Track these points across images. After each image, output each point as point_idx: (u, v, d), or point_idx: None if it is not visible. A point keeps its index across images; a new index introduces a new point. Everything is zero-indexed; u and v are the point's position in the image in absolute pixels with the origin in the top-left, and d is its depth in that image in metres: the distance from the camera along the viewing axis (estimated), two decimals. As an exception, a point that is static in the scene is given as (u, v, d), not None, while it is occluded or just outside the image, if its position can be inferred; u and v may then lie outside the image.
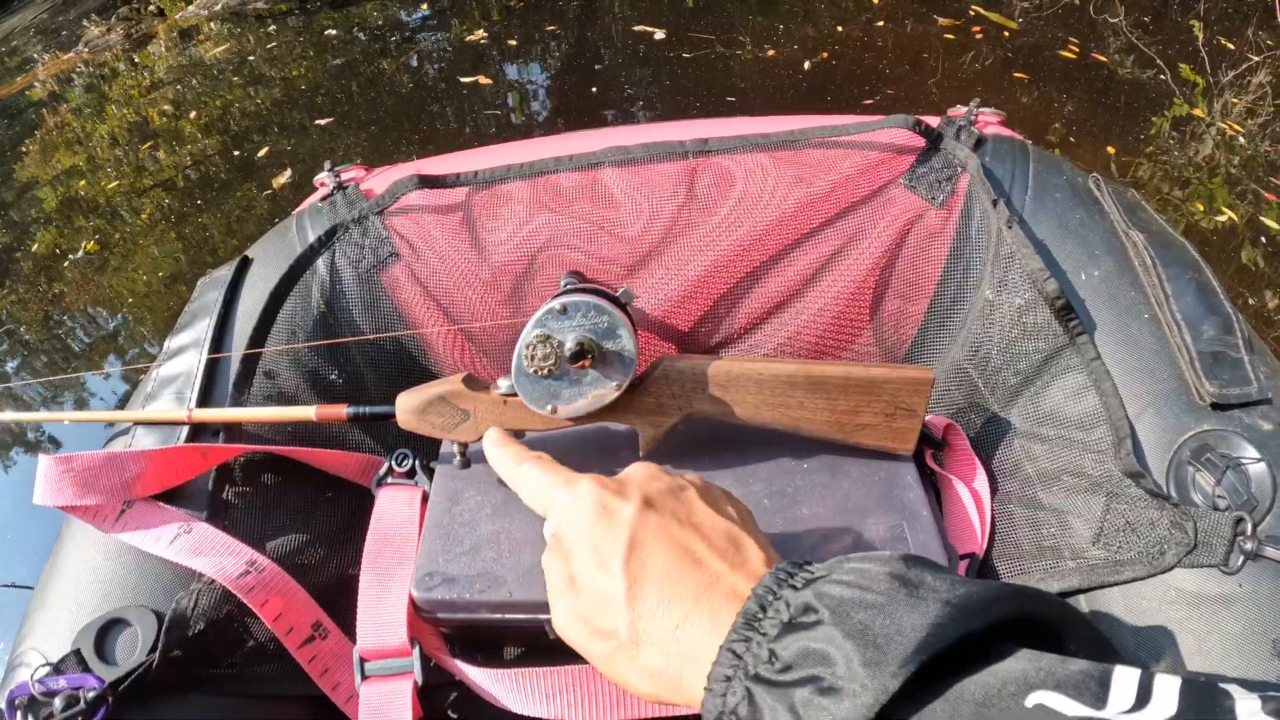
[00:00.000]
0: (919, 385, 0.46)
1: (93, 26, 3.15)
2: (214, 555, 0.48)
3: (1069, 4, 2.44)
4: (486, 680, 0.46)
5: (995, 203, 0.52)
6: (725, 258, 0.52)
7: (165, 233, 1.95)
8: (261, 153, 2.14)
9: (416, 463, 0.50)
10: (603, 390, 0.44)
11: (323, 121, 2.23)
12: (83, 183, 2.22)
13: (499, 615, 0.45)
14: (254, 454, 0.51)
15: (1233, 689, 0.21)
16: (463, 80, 2.32)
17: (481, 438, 0.46)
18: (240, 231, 1.89)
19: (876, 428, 0.48)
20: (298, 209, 0.61)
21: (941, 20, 2.34)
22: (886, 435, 0.48)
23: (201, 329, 0.53)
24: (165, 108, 2.51)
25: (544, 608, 0.45)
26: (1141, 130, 1.88)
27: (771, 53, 2.25)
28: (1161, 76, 2.05)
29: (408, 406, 0.46)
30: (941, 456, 0.52)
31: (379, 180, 0.60)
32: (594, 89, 2.26)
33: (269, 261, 0.56)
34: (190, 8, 3.14)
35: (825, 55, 2.22)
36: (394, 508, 0.49)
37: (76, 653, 0.47)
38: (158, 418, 0.51)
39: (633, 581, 0.29)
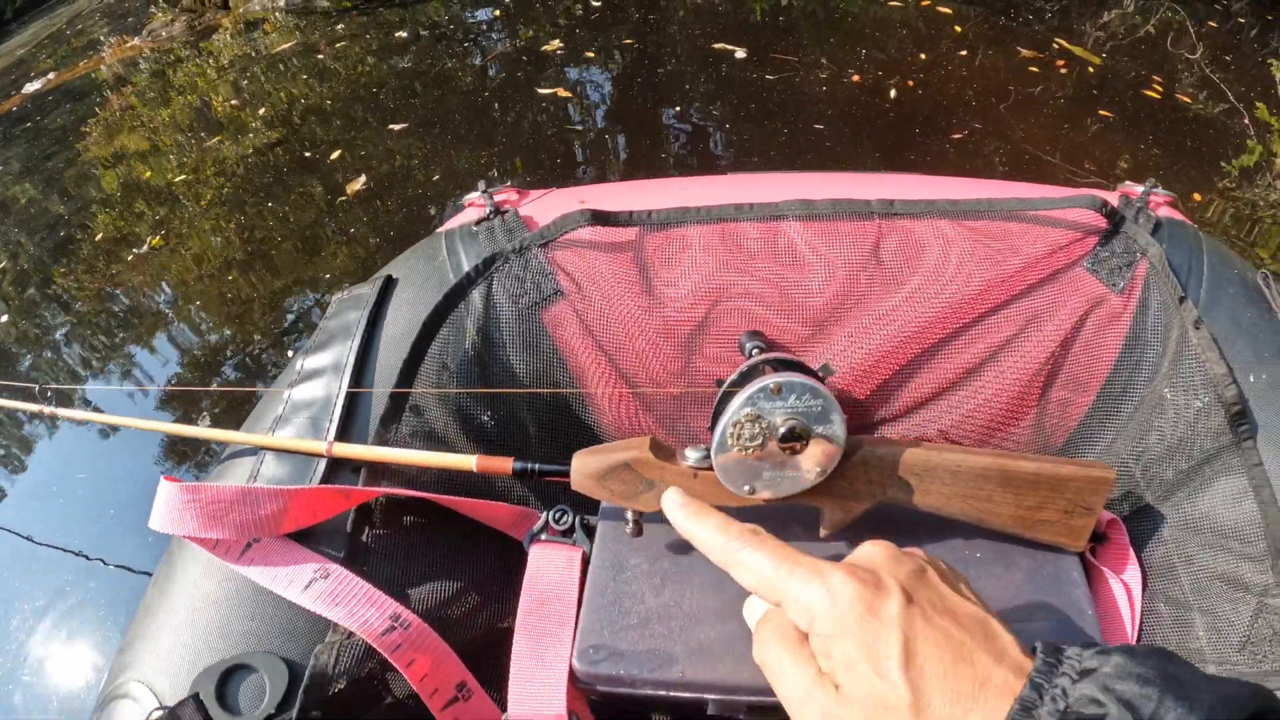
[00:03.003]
0: (1100, 484, 0.46)
1: (158, 13, 3.04)
2: (355, 606, 0.44)
3: (1145, 35, 2.41)
4: (645, 759, 0.44)
5: (1182, 300, 0.51)
6: (909, 331, 0.50)
7: (231, 236, 1.86)
8: (334, 155, 2.05)
9: (576, 520, 0.47)
10: (806, 475, 0.42)
11: (396, 127, 2.14)
12: (149, 172, 2.12)
13: (665, 693, 0.43)
14: (397, 495, 0.48)
15: None
16: (541, 91, 2.25)
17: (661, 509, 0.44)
18: (315, 239, 1.81)
19: (1055, 524, 0.47)
20: (444, 228, 0.56)
21: (1024, 52, 2.30)
22: (1063, 531, 0.47)
23: (341, 353, 0.49)
24: (232, 101, 2.41)
25: (715, 688, 0.44)
26: (1212, 171, 1.87)
27: (856, 78, 2.20)
28: (1241, 119, 2.03)
29: (587, 470, 0.43)
30: (1098, 549, 0.52)
31: (535, 207, 0.56)
32: (677, 107, 2.19)
33: (416, 284, 0.52)
34: (254, 3, 2.97)
35: (911, 84, 2.17)
36: (551, 568, 0.46)
37: (195, 698, 0.43)
38: (295, 446, 0.47)
39: (915, 688, 0.29)
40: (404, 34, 2.66)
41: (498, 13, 2.80)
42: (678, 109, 2.19)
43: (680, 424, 0.53)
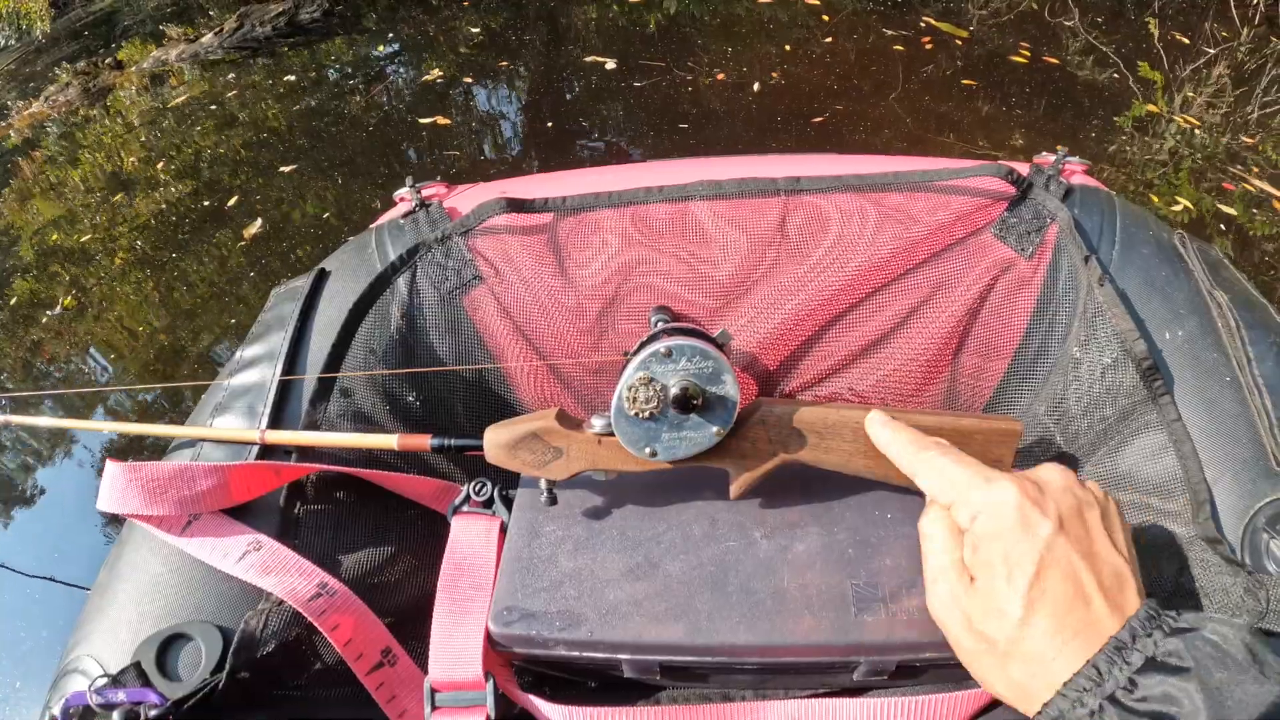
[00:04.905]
0: (1008, 437, 0.46)
1: (63, 74, 3.06)
2: (284, 575, 0.47)
3: (1025, 10, 2.48)
4: (562, 717, 0.45)
5: (1087, 259, 0.51)
6: (816, 301, 0.52)
7: (142, 283, 1.90)
8: (231, 201, 2.09)
9: (495, 491, 0.49)
10: (703, 435, 0.43)
11: (286, 169, 2.19)
12: (56, 235, 2.16)
13: (577, 653, 0.45)
14: (327, 472, 0.50)
15: None
16: (421, 122, 2.31)
17: (571, 476, 0.46)
18: (218, 285, 1.85)
19: None
20: (376, 223, 0.60)
21: (889, 32, 2.38)
22: None
23: (276, 342, 0.52)
24: (135, 157, 2.45)
25: (626, 647, 0.45)
26: (1103, 130, 1.92)
27: (720, 76, 2.27)
28: (1116, 75, 2.11)
29: (498, 441, 0.45)
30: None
31: (461, 199, 0.59)
32: (550, 124, 2.28)
33: (347, 276, 0.55)
34: (147, 61, 3.05)
35: (775, 75, 2.24)
36: (470, 537, 0.48)
37: (137, 665, 0.46)
38: (229, 436, 0.50)
39: (1030, 605, 0.32)
40: (292, 77, 2.71)
41: (382, 48, 2.88)
42: (550, 124, 2.27)
43: (595, 397, 0.55)
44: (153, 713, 0.44)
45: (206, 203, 2.12)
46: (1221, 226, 1.62)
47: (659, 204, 0.54)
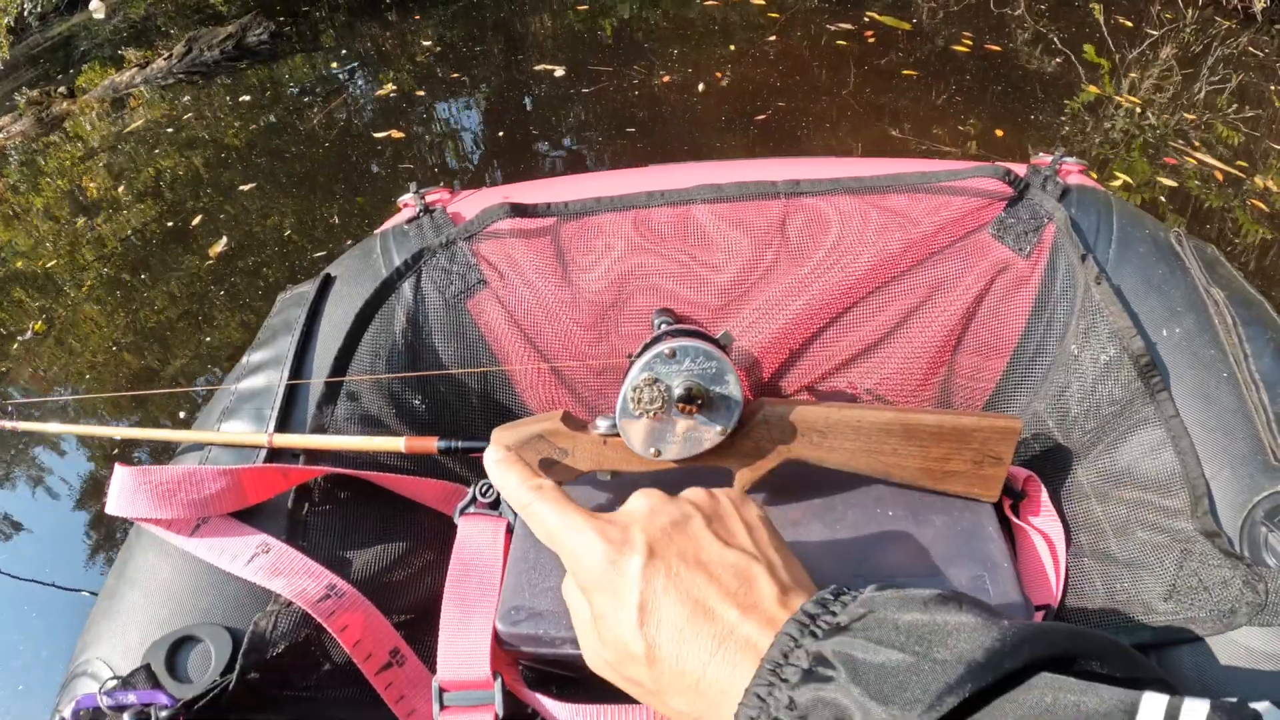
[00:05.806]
0: (1007, 434, 0.47)
1: (22, 101, 3.02)
2: (293, 577, 0.47)
3: (970, 2, 2.52)
4: (569, 715, 0.45)
5: (1084, 258, 0.52)
6: (817, 302, 0.52)
7: (113, 309, 1.89)
8: (195, 221, 2.09)
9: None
10: (707, 434, 0.44)
11: (245, 187, 2.20)
12: (20, 261, 2.14)
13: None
14: (335, 474, 0.51)
15: (1262, 706, 0.22)
16: (376, 136, 2.33)
17: (576, 477, 0.46)
18: (186, 306, 1.85)
19: (964, 475, 0.48)
20: (380, 229, 0.60)
21: (832, 27, 2.44)
22: (974, 482, 0.48)
23: (282, 347, 0.53)
24: (95, 181, 2.44)
25: None
26: (1051, 114, 1.96)
27: (666, 78, 2.31)
28: (1061, 61, 2.16)
29: (504, 443, 0.45)
30: (1019, 507, 0.53)
31: (465, 204, 0.59)
32: (500, 133, 2.31)
33: (352, 281, 0.56)
34: (99, 89, 3.01)
35: (719, 75, 2.28)
36: (477, 538, 0.49)
37: (146, 668, 0.46)
38: (238, 440, 0.50)
39: (649, 643, 0.30)
40: (248, 97, 2.71)
41: (335, 64, 2.89)
42: (499, 134, 2.29)
43: (598, 399, 0.56)
44: (163, 714, 0.44)
45: (171, 223, 2.13)
46: (1162, 199, 1.67)
47: (661, 207, 0.55)
